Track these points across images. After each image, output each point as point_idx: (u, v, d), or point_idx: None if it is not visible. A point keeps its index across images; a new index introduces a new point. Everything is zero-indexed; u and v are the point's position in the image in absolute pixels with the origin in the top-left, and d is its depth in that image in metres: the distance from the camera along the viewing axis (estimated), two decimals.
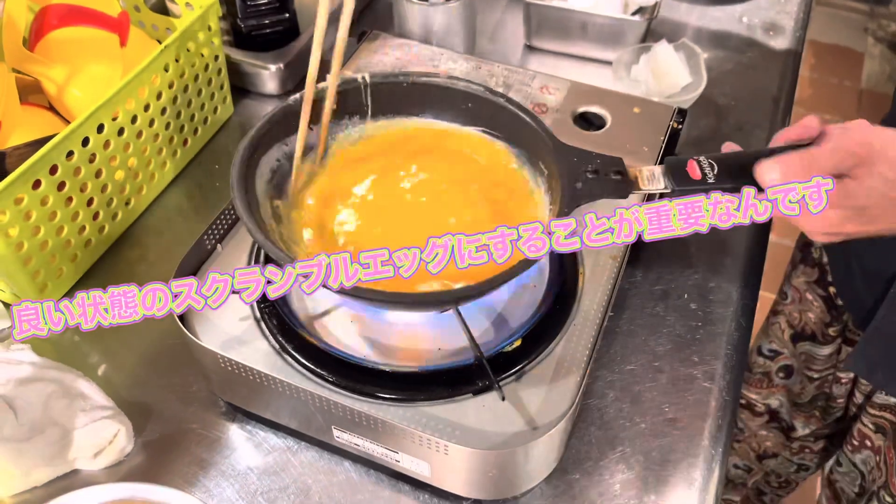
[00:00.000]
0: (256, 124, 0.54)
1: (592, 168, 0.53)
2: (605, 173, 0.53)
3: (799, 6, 1.01)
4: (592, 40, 0.87)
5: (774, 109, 0.86)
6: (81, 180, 0.63)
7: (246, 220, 0.49)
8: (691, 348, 0.63)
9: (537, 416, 0.50)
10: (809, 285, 0.87)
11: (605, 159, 0.53)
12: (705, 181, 0.50)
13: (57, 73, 0.66)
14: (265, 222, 0.52)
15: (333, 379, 0.51)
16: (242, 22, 0.80)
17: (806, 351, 0.89)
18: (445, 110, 0.60)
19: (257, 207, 0.52)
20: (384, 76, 0.59)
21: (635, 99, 0.70)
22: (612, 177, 0.52)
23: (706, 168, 0.51)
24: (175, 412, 0.60)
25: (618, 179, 0.52)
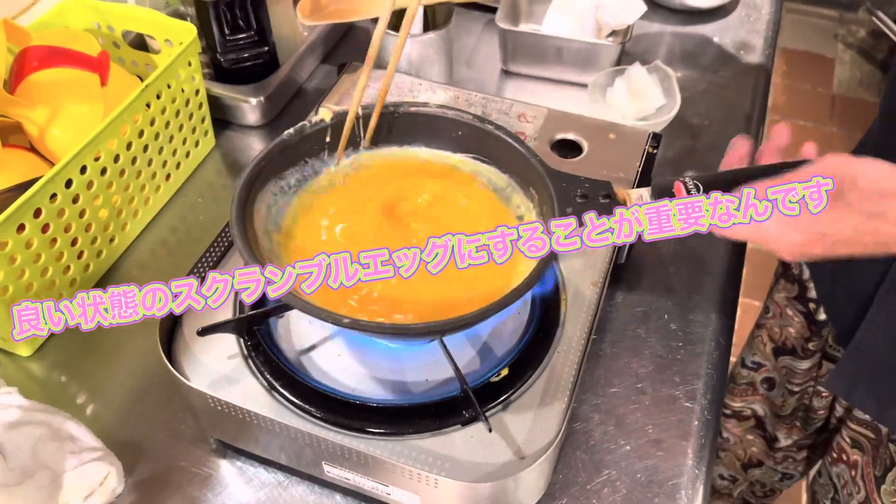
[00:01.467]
0: (253, 161, 0.55)
1: (581, 192, 0.54)
2: (593, 197, 0.54)
3: (768, 24, 1.04)
4: (568, 64, 0.89)
5: (747, 126, 0.88)
6: (65, 221, 0.63)
7: (246, 257, 0.49)
8: (673, 369, 0.65)
9: (525, 445, 0.51)
10: (789, 301, 0.88)
11: (593, 183, 0.55)
12: None
13: (38, 115, 0.66)
14: (264, 257, 0.52)
15: (322, 415, 0.52)
16: (222, 56, 0.81)
17: (786, 365, 0.91)
18: (436, 138, 0.62)
19: (256, 242, 0.53)
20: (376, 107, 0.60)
21: (611, 125, 0.72)
22: (601, 200, 0.54)
23: (692, 188, 0.52)
24: (165, 450, 0.60)
25: (606, 203, 0.54)
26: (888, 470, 0.73)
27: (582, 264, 0.61)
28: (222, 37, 0.79)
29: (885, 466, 0.73)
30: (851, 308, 0.73)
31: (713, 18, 1.03)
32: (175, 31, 0.75)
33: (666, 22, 1.02)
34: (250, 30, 0.80)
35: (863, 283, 0.70)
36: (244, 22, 0.78)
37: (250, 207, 0.54)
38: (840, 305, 0.76)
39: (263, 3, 0.79)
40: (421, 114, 0.61)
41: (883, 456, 0.74)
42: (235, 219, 0.51)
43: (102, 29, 0.79)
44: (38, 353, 0.66)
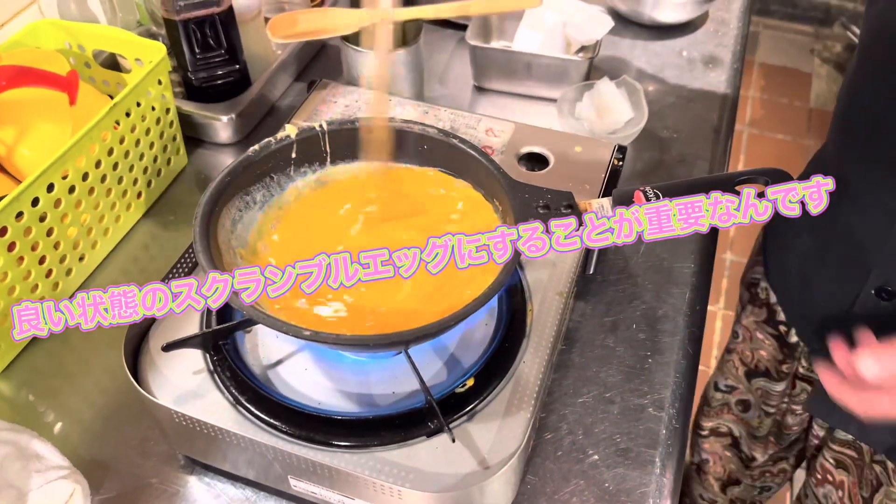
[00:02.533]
0: (217, 177, 0.55)
1: (543, 203, 0.55)
2: (555, 208, 0.55)
3: (736, 39, 1.06)
4: (537, 80, 0.90)
5: (715, 139, 0.90)
6: (32, 240, 0.63)
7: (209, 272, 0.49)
8: (641, 378, 0.65)
9: (489, 455, 0.51)
10: (758, 324, 0.88)
11: (555, 194, 0.56)
12: None
13: (6, 134, 0.67)
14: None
15: (287, 429, 0.52)
16: (193, 75, 0.81)
17: (761, 387, 0.91)
18: (402, 153, 0.62)
19: (220, 258, 0.53)
20: (341, 123, 0.61)
21: (577, 138, 0.73)
22: (563, 210, 0.55)
23: (651, 197, 0.53)
24: (133, 467, 0.60)
25: (568, 213, 0.54)
26: (875, 490, 0.73)
27: (548, 275, 0.62)
28: (193, 55, 0.80)
29: (872, 487, 0.73)
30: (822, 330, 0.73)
31: (682, 33, 1.05)
32: (145, 50, 0.75)
33: (636, 37, 1.04)
34: (221, 48, 0.80)
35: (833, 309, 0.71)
36: (214, 41, 0.79)
37: (214, 223, 0.54)
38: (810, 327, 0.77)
39: (234, 22, 0.80)
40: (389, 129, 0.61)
41: (869, 477, 0.74)
42: (199, 234, 0.52)
43: (73, 49, 0.79)
44: (5, 372, 0.65)
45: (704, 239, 0.77)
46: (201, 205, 0.53)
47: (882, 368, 0.47)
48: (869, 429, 0.72)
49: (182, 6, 0.75)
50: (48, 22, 0.78)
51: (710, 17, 1.08)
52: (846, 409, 0.50)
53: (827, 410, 0.75)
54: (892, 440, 0.70)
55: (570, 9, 0.91)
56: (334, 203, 0.61)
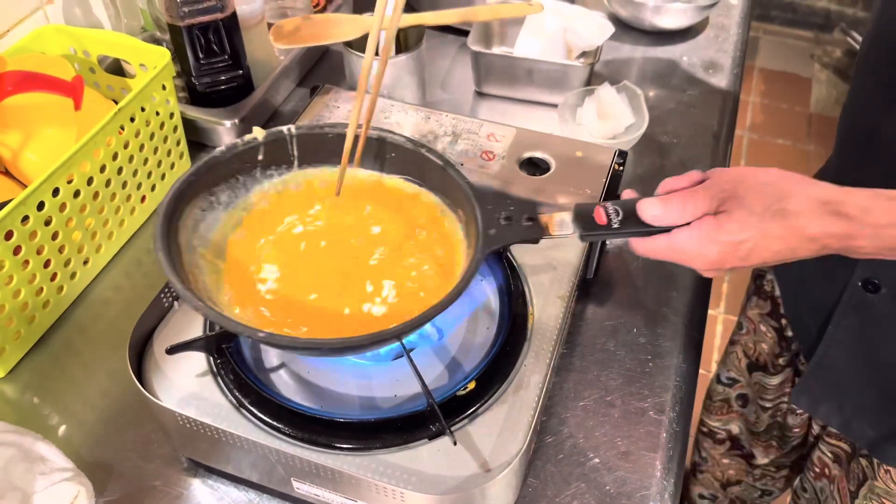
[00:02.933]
0: (182, 175, 0.55)
1: (506, 215, 0.55)
2: (517, 220, 0.55)
3: (736, 44, 1.06)
4: (539, 85, 0.91)
5: (715, 145, 0.90)
6: (37, 243, 0.63)
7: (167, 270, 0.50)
8: (641, 381, 0.65)
9: (490, 457, 0.51)
10: (762, 317, 0.89)
11: (518, 205, 0.55)
12: (610, 226, 0.52)
13: (11, 139, 0.67)
14: (188, 273, 0.52)
15: (290, 431, 0.52)
16: (197, 80, 0.82)
17: (758, 381, 0.92)
18: (369, 160, 0.62)
19: (180, 259, 0.53)
20: (309, 127, 0.61)
21: (578, 143, 0.73)
22: (524, 223, 0.55)
23: (612, 214, 0.53)
24: (136, 470, 0.60)
25: (529, 225, 0.54)
26: (861, 484, 0.74)
27: (549, 279, 0.63)
28: (196, 61, 0.80)
29: (858, 480, 0.74)
30: (814, 324, 0.74)
31: (682, 39, 1.06)
32: (150, 55, 0.76)
33: (636, 43, 1.05)
34: (224, 54, 0.81)
35: (823, 300, 0.72)
36: (218, 46, 0.80)
37: (176, 223, 0.54)
38: (804, 321, 0.78)
39: (237, 28, 0.81)
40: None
41: (855, 470, 0.75)
42: (160, 232, 0.52)
43: (78, 54, 0.80)
44: (10, 375, 0.66)
45: None
46: (164, 204, 0.53)
47: (662, 212, 0.50)
48: (850, 422, 0.72)
49: (186, 12, 0.76)
50: (53, 28, 0.79)
51: (710, 23, 1.09)
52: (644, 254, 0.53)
53: (812, 403, 0.76)
54: (871, 433, 0.70)
55: (571, 15, 0.92)
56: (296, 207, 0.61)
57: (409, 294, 0.55)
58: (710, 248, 0.49)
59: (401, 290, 0.55)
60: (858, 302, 0.67)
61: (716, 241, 0.49)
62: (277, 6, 0.96)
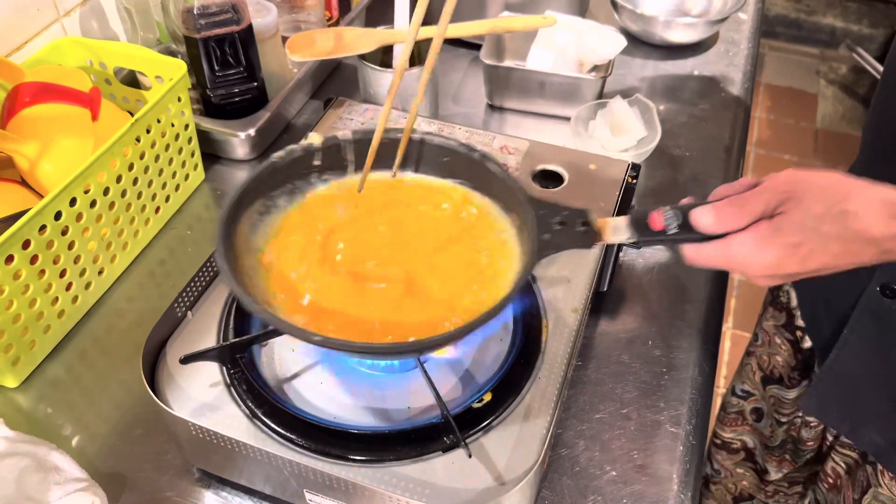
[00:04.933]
0: (244, 181, 0.56)
1: (560, 220, 0.55)
2: (571, 225, 0.54)
3: (746, 59, 1.07)
4: (551, 98, 0.91)
5: (727, 158, 0.90)
6: (54, 253, 0.64)
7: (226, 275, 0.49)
8: (657, 394, 0.65)
9: (505, 470, 0.51)
10: (778, 329, 0.89)
11: (572, 212, 0.55)
12: (666, 232, 0.52)
13: (29, 149, 0.68)
14: (244, 274, 0.52)
15: (303, 442, 0.52)
16: (212, 92, 0.83)
17: (774, 394, 0.91)
18: (423, 164, 0.62)
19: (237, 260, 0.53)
20: (365, 133, 0.61)
21: (591, 156, 0.73)
22: (579, 228, 0.54)
23: (669, 219, 0.52)
24: (149, 481, 0.60)
25: (584, 230, 0.54)
26: (864, 492, 0.73)
27: (563, 291, 0.62)
28: (212, 73, 0.81)
29: (863, 488, 0.73)
30: (830, 329, 0.74)
31: (693, 53, 1.06)
32: (166, 67, 0.77)
33: (647, 57, 1.05)
34: (239, 66, 0.82)
35: (840, 305, 0.71)
36: (233, 58, 0.80)
37: (235, 226, 0.55)
38: (820, 326, 0.77)
39: (252, 40, 0.81)
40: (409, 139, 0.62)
41: (860, 478, 0.74)
42: (220, 235, 0.52)
43: (95, 66, 0.80)
44: (24, 385, 0.66)
45: None
46: (224, 209, 0.53)
47: (716, 220, 0.49)
48: (859, 429, 0.72)
49: (203, 24, 0.77)
50: (71, 40, 0.80)
51: (720, 38, 1.10)
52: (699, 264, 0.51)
53: (821, 409, 0.75)
54: (880, 440, 0.69)
55: (583, 29, 0.92)
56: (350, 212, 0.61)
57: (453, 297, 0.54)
58: (767, 251, 0.47)
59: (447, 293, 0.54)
60: (876, 307, 0.67)
61: (772, 243, 0.47)
62: (292, 20, 0.97)
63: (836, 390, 0.72)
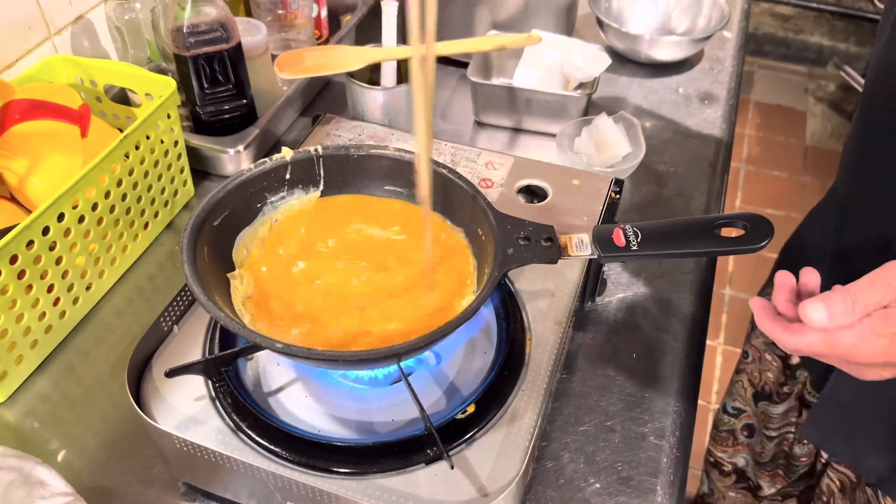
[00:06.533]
0: (211, 193, 0.57)
1: (524, 235, 0.56)
2: (535, 240, 0.56)
3: (731, 76, 1.08)
4: (537, 115, 0.92)
5: (712, 174, 0.91)
6: (42, 268, 0.64)
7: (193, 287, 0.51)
8: (641, 407, 0.66)
9: (488, 482, 0.51)
10: (768, 346, 0.89)
11: (536, 227, 0.57)
12: (629, 248, 0.53)
13: (18, 165, 0.68)
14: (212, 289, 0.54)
15: (287, 455, 0.52)
16: (201, 109, 0.83)
17: (764, 410, 0.91)
18: (393, 181, 0.64)
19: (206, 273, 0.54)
20: (336, 149, 0.63)
21: (575, 171, 0.74)
22: (543, 244, 0.56)
23: (630, 236, 0.54)
24: (135, 495, 0.60)
25: (547, 246, 0.56)
26: None
27: (547, 304, 0.63)
28: (201, 90, 0.82)
29: None
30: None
31: (678, 71, 1.08)
32: (155, 84, 0.78)
33: (633, 75, 1.06)
34: (229, 83, 0.83)
35: None
36: (223, 76, 0.81)
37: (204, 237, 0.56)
38: None
39: (242, 58, 0.82)
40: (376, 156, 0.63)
41: (861, 499, 0.74)
42: (187, 244, 0.53)
43: (85, 83, 0.81)
44: (11, 400, 0.66)
45: (702, 270, 0.78)
46: (192, 218, 0.55)
47: (830, 316, 0.46)
48: (862, 458, 0.72)
49: (192, 42, 0.78)
50: (61, 58, 0.81)
51: (705, 56, 1.11)
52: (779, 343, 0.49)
53: (822, 437, 0.75)
54: (883, 468, 0.70)
55: (569, 47, 0.94)
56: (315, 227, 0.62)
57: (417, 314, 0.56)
58: (878, 341, 0.46)
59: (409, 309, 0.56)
60: None
61: (883, 334, 0.46)
62: (281, 38, 0.98)
63: (836, 419, 0.73)
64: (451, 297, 0.57)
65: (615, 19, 1.10)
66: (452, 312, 0.56)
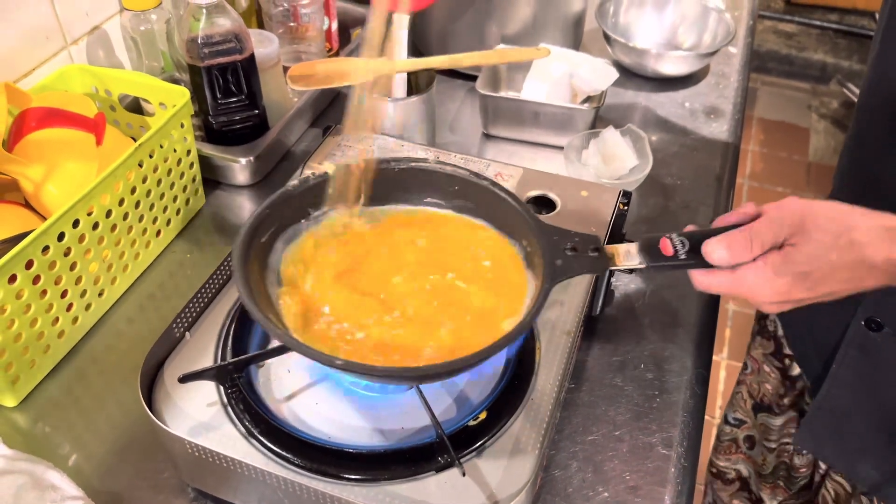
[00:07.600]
0: (257, 209, 0.57)
1: (571, 245, 0.56)
2: (583, 250, 0.55)
3: (736, 91, 1.09)
4: (545, 128, 0.93)
5: (718, 187, 0.92)
6: (56, 273, 0.65)
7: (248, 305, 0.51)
8: (649, 417, 0.66)
9: (498, 490, 0.52)
10: (766, 357, 0.89)
11: (582, 237, 0.56)
12: (677, 257, 0.53)
13: (34, 172, 0.69)
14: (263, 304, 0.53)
15: (298, 461, 0.52)
16: (214, 119, 0.84)
17: (763, 422, 0.91)
18: (433, 193, 0.64)
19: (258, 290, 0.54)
20: (377, 162, 0.62)
21: (583, 183, 0.75)
22: (590, 254, 0.55)
23: (677, 245, 0.53)
24: (145, 500, 0.60)
25: (595, 256, 0.55)
26: None
27: (556, 315, 0.63)
28: (214, 100, 0.83)
29: None
30: (820, 363, 0.74)
31: (684, 86, 1.09)
32: (169, 94, 0.79)
33: (639, 89, 1.08)
34: (241, 94, 0.84)
35: (827, 339, 0.72)
36: (235, 87, 0.83)
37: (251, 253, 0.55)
38: (810, 360, 0.78)
39: (254, 69, 0.84)
40: (419, 168, 0.63)
41: None
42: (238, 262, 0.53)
43: (100, 93, 0.82)
44: (23, 404, 0.66)
45: None
46: (241, 234, 0.54)
47: (728, 253, 0.50)
48: (855, 465, 0.72)
49: (207, 53, 0.79)
50: (77, 67, 0.82)
51: (711, 71, 1.12)
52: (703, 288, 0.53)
53: (816, 445, 0.76)
54: (877, 475, 0.70)
55: (577, 61, 0.95)
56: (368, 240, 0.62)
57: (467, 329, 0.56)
58: (778, 280, 0.49)
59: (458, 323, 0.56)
60: (862, 341, 0.68)
61: (784, 273, 0.49)
62: (293, 50, 0.99)
63: (829, 426, 0.73)
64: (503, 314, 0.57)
65: (622, 34, 1.11)
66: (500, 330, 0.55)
